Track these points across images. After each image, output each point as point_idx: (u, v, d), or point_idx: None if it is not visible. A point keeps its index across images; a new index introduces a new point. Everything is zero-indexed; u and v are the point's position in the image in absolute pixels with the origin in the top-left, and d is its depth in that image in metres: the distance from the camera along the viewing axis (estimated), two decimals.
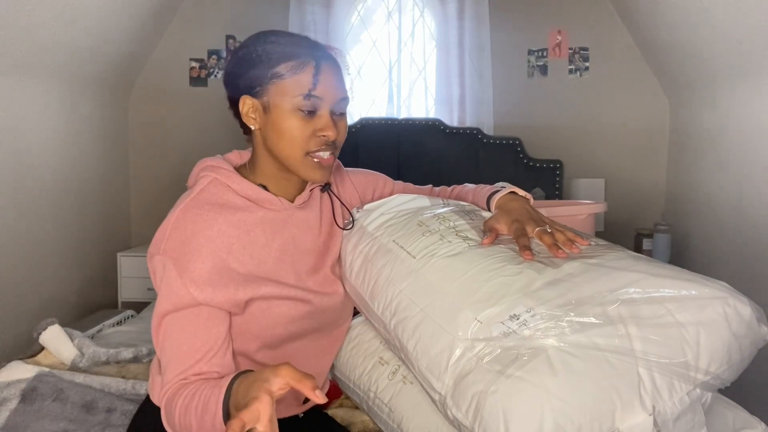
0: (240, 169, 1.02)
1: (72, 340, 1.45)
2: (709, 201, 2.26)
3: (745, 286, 0.95)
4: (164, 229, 0.90)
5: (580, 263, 0.89)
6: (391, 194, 1.20)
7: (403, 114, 2.79)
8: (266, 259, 0.95)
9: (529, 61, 2.78)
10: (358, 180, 1.20)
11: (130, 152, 2.84)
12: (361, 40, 2.86)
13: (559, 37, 2.75)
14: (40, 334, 1.43)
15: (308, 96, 0.92)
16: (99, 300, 2.51)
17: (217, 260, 0.89)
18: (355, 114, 2.84)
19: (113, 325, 1.89)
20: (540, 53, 2.77)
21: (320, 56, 0.94)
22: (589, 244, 0.97)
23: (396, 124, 2.68)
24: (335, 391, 1.22)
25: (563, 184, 2.67)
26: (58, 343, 1.43)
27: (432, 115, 2.78)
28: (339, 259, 1.10)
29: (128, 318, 2.00)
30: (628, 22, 2.67)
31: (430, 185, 1.31)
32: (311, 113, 0.93)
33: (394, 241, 1.03)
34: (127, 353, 1.46)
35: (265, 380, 0.68)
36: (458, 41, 2.71)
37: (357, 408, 1.20)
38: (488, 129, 2.71)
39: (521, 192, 1.10)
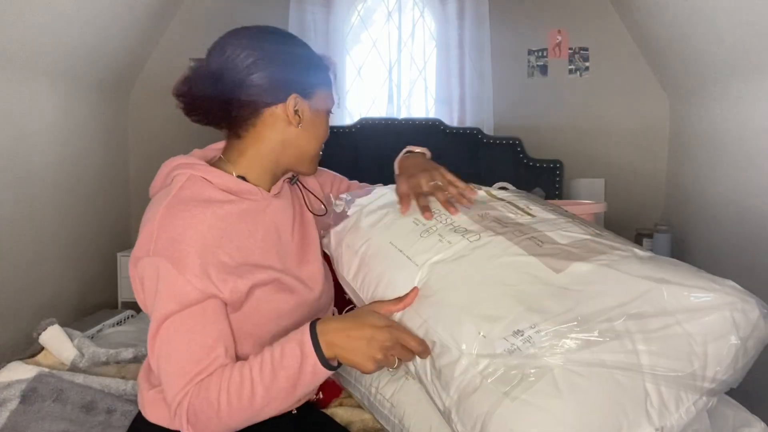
0: (213, 164, 1.02)
1: (72, 341, 1.45)
2: (710, 201, 2.26)
3: (745, 286, 0.95)
4: (150, 230, 0.88)
5: (589, 266, 0.86)
6: (347, 191, 1.26)
7: (403, 114, 2.79)
8: (252, 248, 0.95)
9: (529, 61, 2.77)
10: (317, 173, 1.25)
11: (130, 152, 2.84)
12: (361, 40, 2.85)
13: (559, 37, 2.75)
14: (39, 334, 1.43)
15: (338, 104, 1.08)
16: (99, 300, 2.51)
17: (210, 255, 0.88)
18: (355, 114, 2.84)
19: (113, 325, 1.89)
20: (540, 53, 2.77)
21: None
22: (475, 194, 1.05)
23: (396, 124, 2.68)
24: (335, 390, 1.23)
25: (563, 184, 2.66)
26: (57, 343, 1.43)
27: (432, 115, 2.78)
28: (328, 254, 1.13)
29: (128, 318, 2.00)
30: (628, 22, 2.67)
31: (380, 184, 1.32)
32: None
33: (390, 243, 1.01)
34: (127, 353, 1.46)
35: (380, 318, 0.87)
36: (458, 41, 2.70)
37: (357, 407, 1.20)
38: (488, 129, 2.71)
39: (418, 149, 1.20)
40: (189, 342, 0.85)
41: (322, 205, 1.16)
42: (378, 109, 2.84)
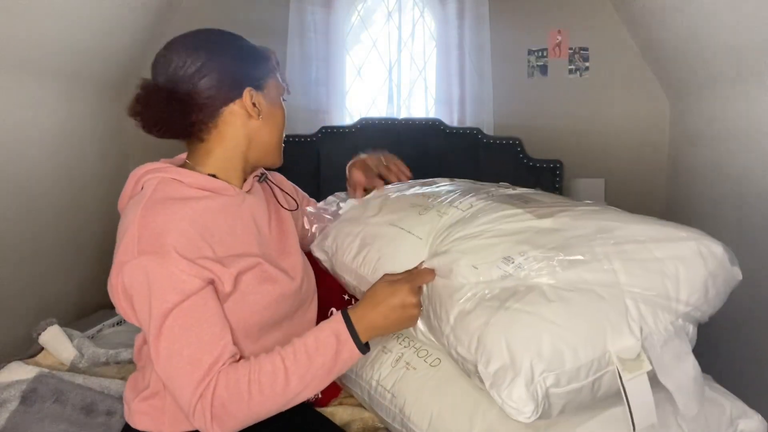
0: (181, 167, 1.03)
1: (71, 341, 1.45)
2: (710, 201, 2.26)
3: (747, 285, 0.96)
4: (131, 233, 0.87)
5: (570, 213, 0.97)
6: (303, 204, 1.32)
7: (403, 114, 2.79)
8: (233, 242, 0.96)
9: (529, 61, 2.77)
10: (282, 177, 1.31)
11: (130, 152, 2.84)
12: (361, 40, 2.85)
13: (559, 37, 2.75)
14: (39, 334, 1.43)
15: (287, 89, 1.10)
16: (99, 300, 2.51)
17: (195, 249, 0.89)
18: (355, 114, 2.84)
19: (113, 325, 1.89)
20: (540, 53, 2.77)
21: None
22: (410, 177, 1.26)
23: (396, 124, 2.68)
24: (333, 390, 1.23)
25: (563, 184, 2.66)
26: (57, 343, 1.43)
27: (432, 115, 2.78)
28: (317, 258, 1.19)
29: None
30: (628, 22, 2.67)
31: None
32: None
33: (391, 224, 1.09)
34: (126, 354, 1.46)
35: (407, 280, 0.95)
36: (458, 41, 2.70)
37: (357, 406, 1.20)
38: (488, 129, 2.71)
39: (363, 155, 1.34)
40: (199, 333, 0.85)
41: (293, 201, 1.22)
42: (378, 109, 2.84)
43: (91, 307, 2.43)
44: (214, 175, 1.01)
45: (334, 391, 1.23)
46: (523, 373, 0.77)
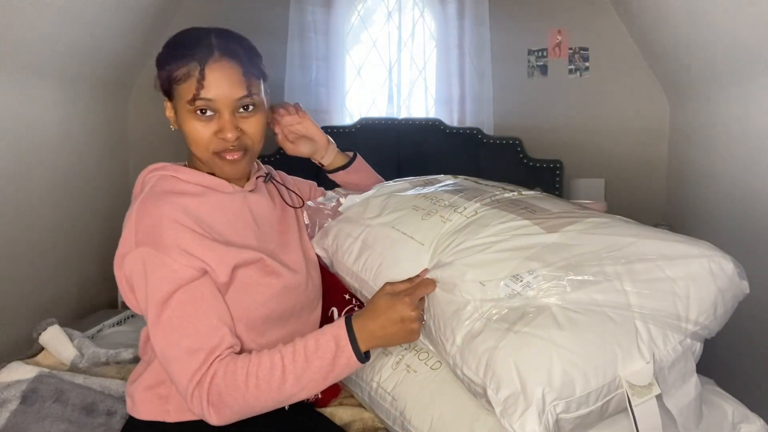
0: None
1: (72, 341, 1.45)
2: (710, 201, 2.26)
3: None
4: (129, 227, 0.91)
5: (579, 226, 0.94)
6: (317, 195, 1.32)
7: (403, 114, 2.78)
8: (231, 233, 0.98)
9: (529, 61, 2.77)
10: (293, 177, 1.31)
11: (130, 152, 2.84)
12: (361, 40, 2.85)
13: (559, 37, 2.75)
14: (39, 334, 1.43)
15: (193, 100, 0.94)
16: (99, 300, 2.51)
17: (189, 237, 0.91)
18: (355, 114, 2.84)
19: (113, 325, 1.89)
20: (540, 53, 2.77)
21: (206, 57, 0.94)
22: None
23: (396, 124, 2.68)
24: (333, 390, 1.23)
25: (563, 184, 2.66)
26: (57, 343, 1.43)
27: (432, 115, 2.78)
28: (317, 245, 1.19)
29: (128, 318, 2.00)
30: (628, 22, 2.67)
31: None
32: (210, 115, 0.96)
33: (393, 227, 1.08)
34: (126, 354, 1.46)
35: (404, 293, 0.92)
36: (458, 41, 2.70)
37: (357, 406, 1.20)
38: (488, 129, 2.71)
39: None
40: (196, 324, 0.87)
41: (298, 198, 1.22)
42: (378, 109, 2.84)
43: (91, 307, 2.43)
44: (213, 174, 1.03)
45: (334, 391, 1.23)
46: (535, 403, 0.76)
